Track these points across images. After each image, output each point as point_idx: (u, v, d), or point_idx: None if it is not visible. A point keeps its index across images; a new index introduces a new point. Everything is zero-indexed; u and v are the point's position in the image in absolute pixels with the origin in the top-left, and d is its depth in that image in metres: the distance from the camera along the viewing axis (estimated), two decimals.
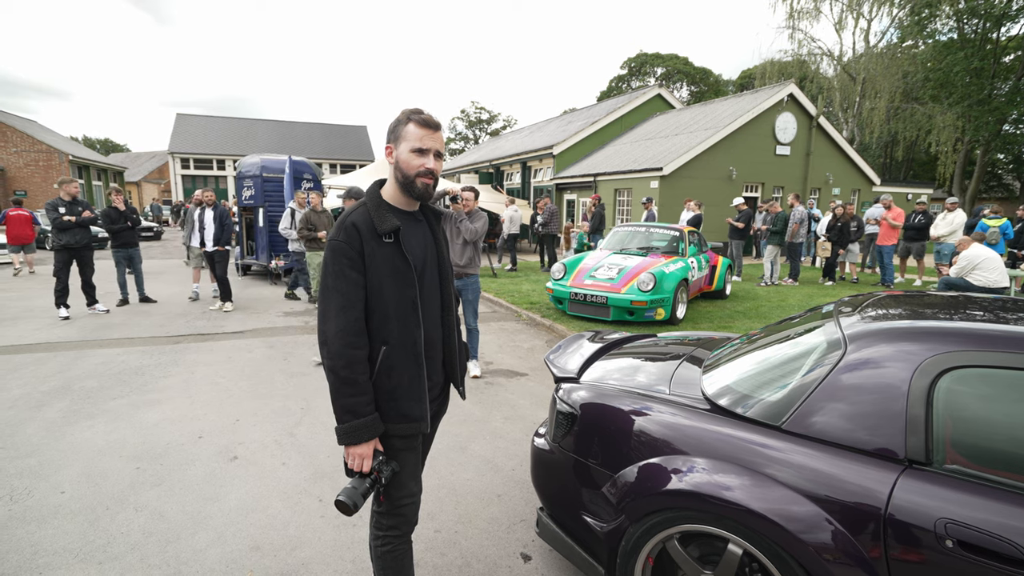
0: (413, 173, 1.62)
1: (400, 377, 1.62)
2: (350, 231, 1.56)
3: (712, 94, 40.78)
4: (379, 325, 1.59)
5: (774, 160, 17.23)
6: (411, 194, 1.65)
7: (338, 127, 39.76)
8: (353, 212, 1.61)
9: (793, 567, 1.59)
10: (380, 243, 1.58)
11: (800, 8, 27.22)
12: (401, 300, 1.61)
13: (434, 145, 1.63)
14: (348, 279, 1.55)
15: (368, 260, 1.56)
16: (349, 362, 1.53)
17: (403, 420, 1.64)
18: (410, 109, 1.64)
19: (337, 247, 1.55)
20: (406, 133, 1.62)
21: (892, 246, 10.81)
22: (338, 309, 1.54)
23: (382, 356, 1.59)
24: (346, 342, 1.53)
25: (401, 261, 1.61)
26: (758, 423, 1.78)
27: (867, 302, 2.15)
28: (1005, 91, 26.54)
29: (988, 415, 1.55)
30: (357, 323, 1.55)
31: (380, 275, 1.58)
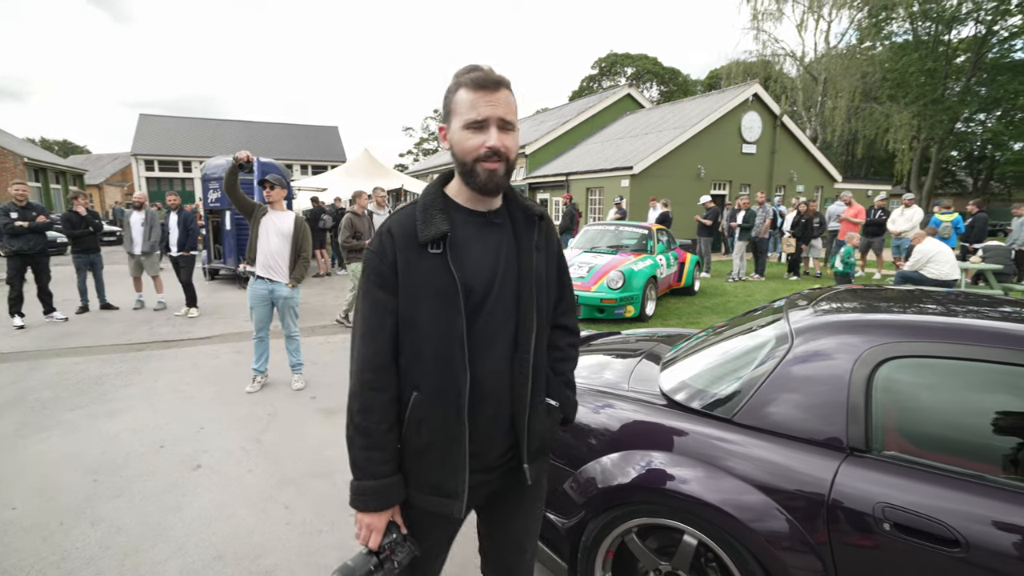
0: (471, 158, 1.17)
1: (433, 435, 1.22)
2: (384, 238, 1.21)
3: (681, 94, 41.46)
4: (410, 364, 1.21)
5: (740, 158, 17.63)
6: (473, 186, 1.21)
7: (308, 128, 39.12)
8: (395, 215, 1.26)
9: (744, 555, 1.64)
10: (422, 254, 1.18)
11: (763, 10, 27.90)
12: (442, 332, 1.18)
13: (494, 112, 1.15)
14: (373, 300, 1.21)
15: (402, 276, 1.19)
16: (364, 406, 1.20)
17: (431, 492, 1.25)
18: (461, 69, 1.20)
19: (367, 258, 1.23)
20: (456, 103, 1.18)
21: None
22: (360, 337, 1.22)
23: (412, 404, 1.22)
24: (363, 380, 1.20)
25: (450, 280, 1.17)
26: (711, 416, 1.84)
27: (819, 297, 2.24)
28: (957, 91, 27.70)
29: (923, 403, 1.63)
30: (379, 357, 1.20)
31: (416, 296, 1.19)
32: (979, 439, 1.60)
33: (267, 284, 4.55)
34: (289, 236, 4.51)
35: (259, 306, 4.60)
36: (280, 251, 4.51)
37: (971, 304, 1.95)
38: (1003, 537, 1.36)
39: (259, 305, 4.60)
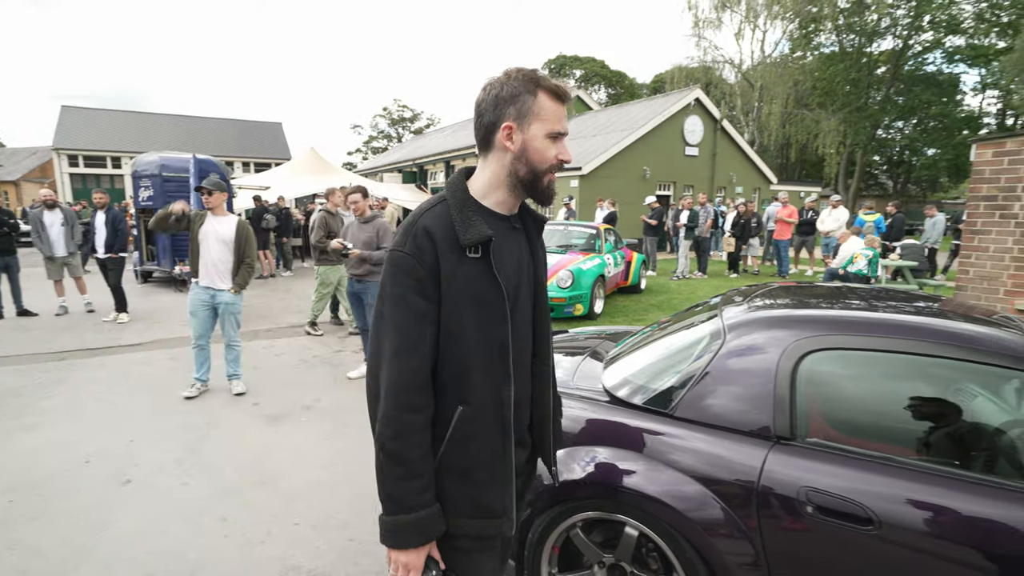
0: (546, 167, 1.16)
1: (480, 452, 1.15)
2: (420, 239, 1.10)
3: (628, 96, 42.51)
4: (455, 377, 1.13)
5: (684, 160, 18.26)
6: (533, 194, 1.19)
7: (251, 123, 37.51)
8: (426, 213, 1.15)
9: (682, 544, 1.71)
10: (462, 259, 1.11)
11: (704, 18, 28.99)
12: (486, 342, 1.14)
13: (567, 127, 1.18)
14: (412, 309, 1.08)
15: (445, 283, 1.10)
16: (400, 431, 1.07)
17: (479, 514, 1.16)
18: (528, 71, 1.15)
19: (400, 261, 1.10)
20: (540, 109, 1.13)
21: (788, 240, 11.80)
22: (394, 352, 1.08)
23: (457, 420, 1.13)
24: (400, 401, 1.08)
25: (490, 286, 1.13)
26: (651, 411, 1.90)
27: (752, 293, 2.35)
28: (878, 100, 29.74)
29: (842, 392, 1.75)
30: (419, 374, 1.09)
31: (459, 305, 1.11)
32: (892, 424, 1.73)
33: (208, 291, 4.36)
34: (231, 242, 4.34)
35: (200, 312, 4.41)
36: (222, 258, 4.33)
37: (887, 299, 2.11)
38: (911, 513, 1.48)
39: (200, 311, 4.41)
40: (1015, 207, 4.64)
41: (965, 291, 5.05)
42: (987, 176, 4.78)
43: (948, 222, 12.39)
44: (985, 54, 28.04)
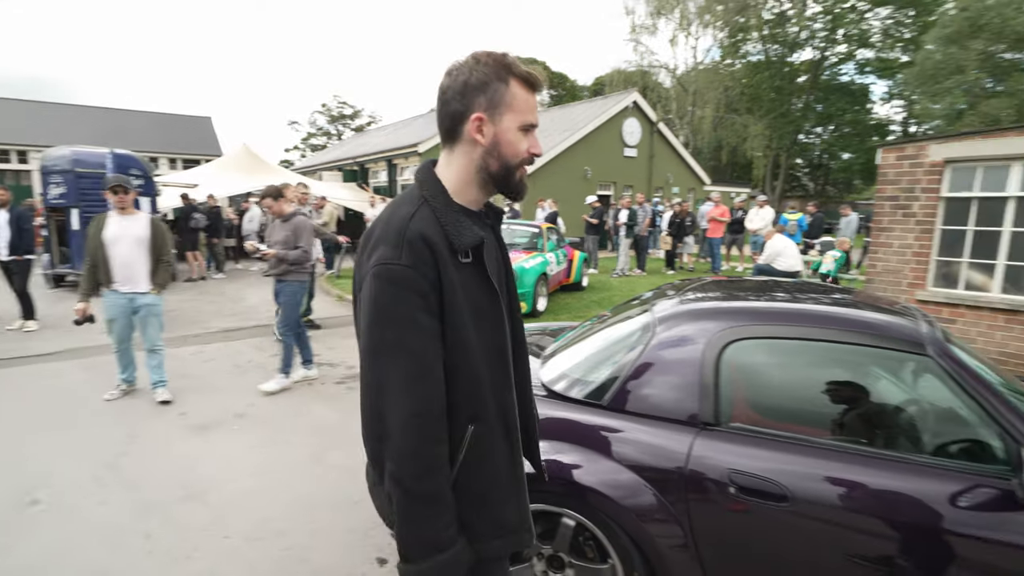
0: (518, 161, 1.08)
1: (493, 468, 1.08)
2: (419, 248, 0.98)
3: (570, 98, 43.23)
4: (467, 395, 1.04)
5: (623, 161, 18.78)
6: (505, 190, 1.11)
7: (178, 117, 35.28)
8: (413, 218, 1.02)
9: (616, 531, 1.77)
10: (457, 265, 1.02)
11: (641, 23, 30.00)
12: (492, 350, 1.07)
13: (538, 119, 1.11)
14: (422, 330, 0.97)
15: (447, 294, 1.00)
16: (430, 467, 0.97)
17: (499, 533, 1.09)
18: (499, 55, 1.05)
19: (400, 276, 0.97)
20: (513, 99, 1.04)
21: (720, 238, 12.38)
22: (408, 380, 0.96)
23: (470, 440, 1.04)
24: (424, 435, 0.96)
25: (484, 291, 1.07)
26: (586, 404, 1.95)
27: (681, 288, 2.45)
28: (799, 107, 31.74)
29: (761, 378, 1.86)
30: (439, 400, 0.99)
31: (462, 316, 1.02)
32: (806, 407, 1.86)
33: (127, 295, 4.09)
34: (145, 240, 4.07)
35: (120, 318, 4.15)
36: (136, 258, 4.07)
37: (803, 292, 2.26)
38: (822, 489, 1.60)
39: (120, 317, 4.15)
40: (914, 207, 5.08)
41: (874, 284, 5.49)
42: (891, 178, 5.21)
43: (861, 221, 13.42)
44: (891, 67, 30.54)
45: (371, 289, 0.99)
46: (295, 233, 4.49)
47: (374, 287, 0.98)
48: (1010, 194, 4.62)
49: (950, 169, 4.91)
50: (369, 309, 0.98)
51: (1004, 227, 4.70)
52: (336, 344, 6.24)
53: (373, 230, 1.05)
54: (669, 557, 1.72)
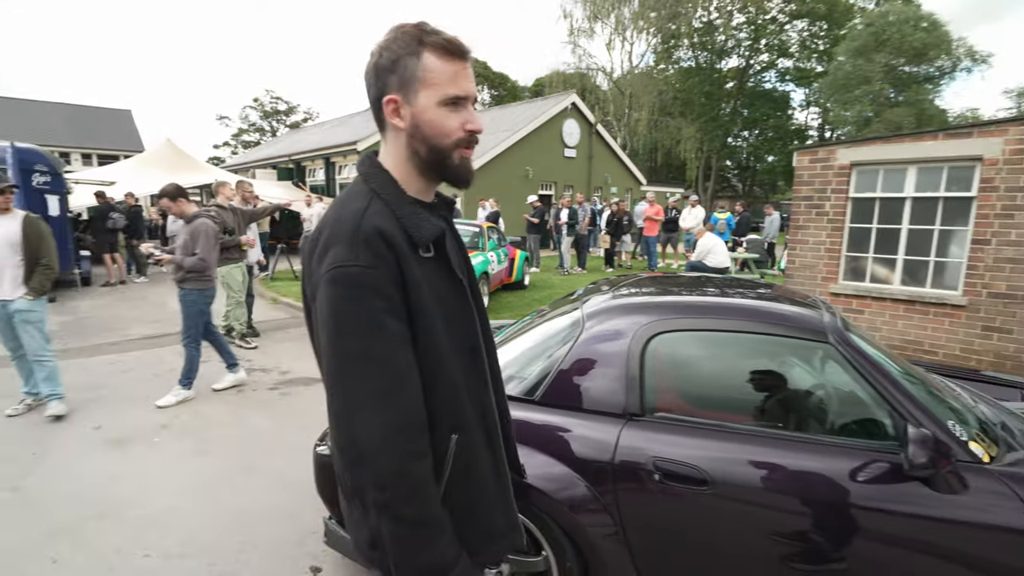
0: (450, 142, 0.95)
1: (480, 477, 1.01)
2: (377, 246, 0.88)
3: (511, 98, 43.50)
4: (446, 402, 0.95)
5: (564, 161, 19.11)
6: (445, 176, 1.00)
7: (94, 110, 32.68)
8: (367, 213, 0.91)
9: (549, 523, 1.81)
10: (420, 261, 0.94)
11: (579, 27, 30.62)
12: (460, 352, 0.98)
13: (472, 88, 0.97)
14: (390, 336, 0.87)
15: (413, 294, 0.90)
16: (416, 488, 0.87)
17: (491, 540, 1.03)
18: (411, 26, 0.95)
19: (361, 279, 0.86)
20: (426, 71, 0.92)
21: (655, 237, 12.85)
22: (382, 394, 0.86)
23: (454, 451, 0.95)
24: (408, 451, 0.86)
25: (450, 286, 0.99)
26: (519, 400, 1.98)
27: (612, 284, 2.53)
28: (727, 112, 33.47)
29: (684, 368, 1.96)
30: (419, 411, 0.89)
31: (431, 317, 0.93)
32: (726, 394, 1.97)
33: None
34: (16, 242, 3.75)
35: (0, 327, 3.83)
36: (9, 263, 3.75)
37: (725, 287, 2.38)
38: (740, 472, 1.70)
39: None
40: (826, 206, 5.48)
41: (793, 279, 5.86)
42: (805, 180, 5.59)
43: (783, 219, 14.32)
44: (808, 76, 32.77)
45: (328, 297, 0.86)
46: (192, 238, 4.17)
47: (331, 294, 0.86)
48: (906, 195, 5.07)
49: (856, 172, 5.33)
50: (328, 320, 0.86)
51: (903, 224, 5.15)
52: (269, 349, 6.00)
53: (321, 231, 0.94)
54: (600, 546, 1.78)
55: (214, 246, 4.25)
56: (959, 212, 4.87)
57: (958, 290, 4.92)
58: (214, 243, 4.23)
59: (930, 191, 4.97)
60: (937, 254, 5.03)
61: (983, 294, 4.75)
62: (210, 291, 4.33)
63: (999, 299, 4.68)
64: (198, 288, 4.23)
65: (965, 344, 4.90)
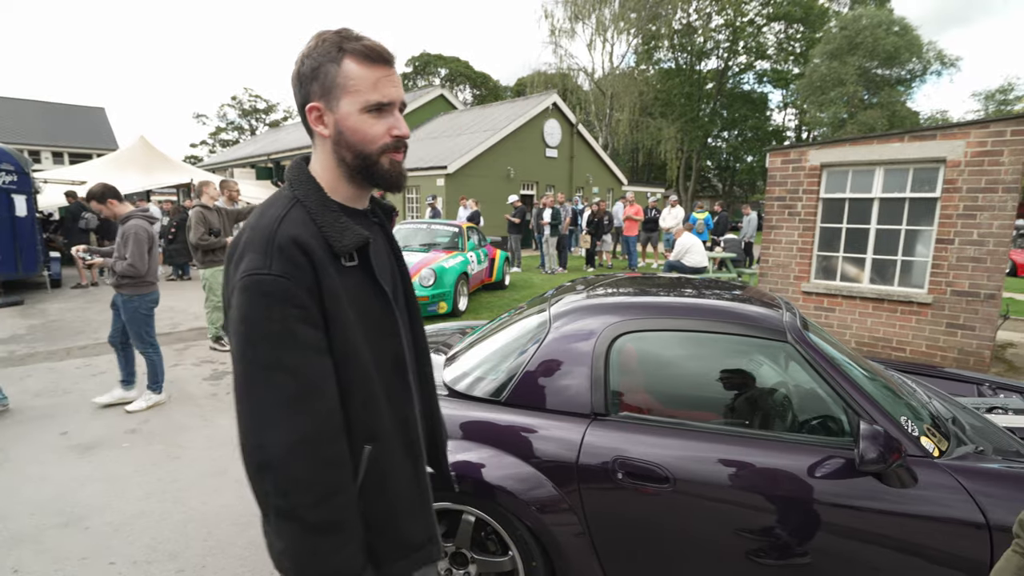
0: (376, 148, 0.96)
1: (395, 487, 1.00)
2: (292, 254, 0.88)
3: (493, 97, 43.48)
4: (360, 411, 0.95)
5: (545, 161, 19.17)
6: (373, 182, 1.00)
7: (66, 107, 31.82)
8: (284, 220, 0.91)
9: (515, 523, 1.82)
10: (340, 270, 0.93)
11: (560, 27, 30.77)
12: (382, 362, 0.99)
13: (398, 93, 0.97)
14: (302, 345, 0.87)
15: (329, 303, 0.90)
16: (325, 494, 0.87)
17: (406, 552, 1.02)
18: (332, 33, 0.95)
19: (272, 287, 0.86)
20: (347, 78, 0.93)
21: (635, 236, 12.95)
22: (290, 402, 0.86)
23: (368, 462, 0.96)
24: (318, 459, 0.87)
25: (373, 296, 0.98)
26: (487, 401, 1.99)
27: (583, 284, 2.55)
28: (707, 112, 33.89)
29: (647, 368, 1.98)
30: (333, 418, 0.90)
31: (348, 326, 0.93)
32: (689, 393, 2.00)
33: None
34: None
35: None
36: None
37: (693, 287, 2.41)
38: (701, 469, 1.73)
39: None
40: (798, 206, 5.59)
41: (767, 277, 5.97)
42: (778, 180, 5.69)
43: (761, 219, 14.52)
44: (785, 77, 33.33)
45: (239, 304, 0.87)
46: (123, 241, 3.95)
47: (242, 301, 0.87)
48: (874, 195, 5.20)
49: (826, 173, 5.45)
50: (238, 327, 0.87)
51: (871, 224, 5.27)
52: None
53: (241, 236, 0.94)
54: (566, 545, 1.80)
55: (148, 250, 3.99)
56: (924, 212, 5.01)
57: (924, 288, 5.05)
58: (147, 247, 3.98)
59: (897, 192, 5.10)
60: (904, 253, 5.16)
61: (947, 292, 4.89)
62: (151, 295, 4.14)
63: (962, 296, 4.83)
64: (138, 293, 4.05)
65: (931, 341, 5.04)
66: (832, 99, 26.68)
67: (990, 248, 4.65)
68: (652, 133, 32.30)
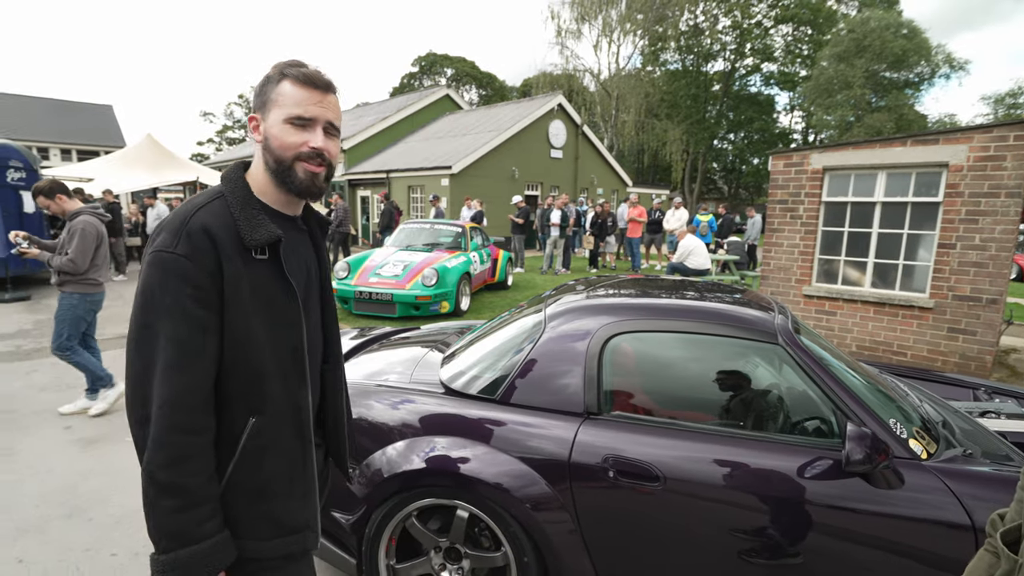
0: (291, 155, 1.08)
1: (276, 464, 1.08)
2: (197, 239, 0.98)
3: (499, 98, 43.53)
4: (246, 387, 1.04)
5: (550, 162, 19.19)
6: (289, 187, 1.10)
7: (74, 104, 32.12)
8: (201, 209, 1.03)
9: (508, 520, 1.85)
10: (248, 260, 1.04)
11: (566, 28, 30.78)
12: (279, 347, 1.08)
13: (323, 113, 1.09)
14: (189, 320, 0.97)
15: (230, 288, 1.00)
16: (175, 456, 0.96)
17: (278, 533, 1.09)
18: (283, 62, 1.11)
19: (172, 265, 0.97)
20: (280, 95, 1.08)
21: (639, 238, 12.96)
22: (167, 367, 0.96)
23: (249, 433, 1.04)
24: (174, 423, 0.95)
25: (280, 288, 1.08)
26: (483, 399, 2.02)
27: (580, 285, 2.57)
28: (713, 114, 33.79)
29: (639, 368, 2.01)
30: (198, 392, 0.99)
31: (248, 311, 1.03)
32: (679, 394, 2.03)
33: None
34: None
35: None
36: None
37: (689, 290, 2.43)
38: (691, 468, 1.75)
39: None
40: (800, 209, 5.59)
41: (768, 280, 5.97)
42: (780, 183, 5.70)
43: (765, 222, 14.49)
44: (792, 80, 33.20)
45: (143, 275, 1.00)
46: (69, 236, 3.81)
47: (146, 272, 0.99)
48: (876, 199, 5.19)
49: (828, 176, 5.44)
50: (138, 295, 1.00)
51: (873, 228, 5.27)
52: None
53: (164, 218, 1.07)
54: (557, 542, 1.82)
55: (95, 248, 3.86)
56: (926, 217, 5.00)
57: (925, 292, 5.05)
58: (94, 244, 3.84)
59: (899, 196, 5.09)
60: (906, 257, 5.16)
61: (949, 296, 4.88)
62: (94, 296, 4.00)
63: (964, 301, 4.82)
64: (79, 292, 3.90)
65: (932, 345, 5.04)
66: (839, 102, 26.58)
67: (992, 253, 4.64)
68: (658, 134, 32.26)
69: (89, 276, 3.88)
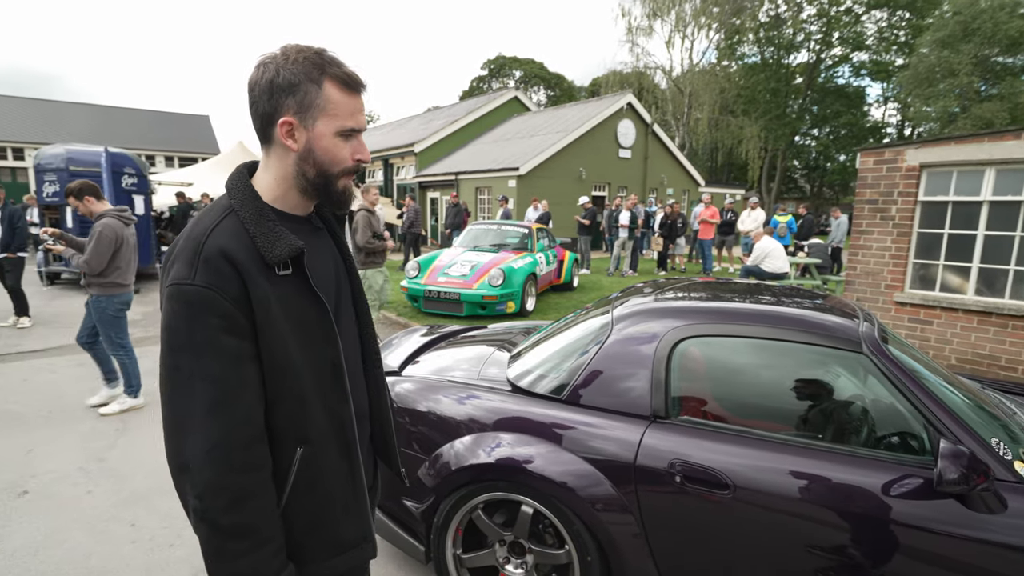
0: (339, 170, 1.00)
1: (329, 488, 1.03)
2: (217, 264, 0.89)
3: (567, 98, 43.34)
4: (291, 416, 0.98)
5: (618, 162, 18.89)
6: (326, 200, 1.04)
7: (175, 115, 35.38)
8: (213, 231, 0.93)
9: (571, 518, 1.87)
10: (273, 279, 0.94)
11: (637, 25, 30.17)
12: (317, 367, 1.00)
13: (365, 122, 1.03)
14: (222, 353, 0.89)
15: (260, 312, 0.92)
16: (237, 498, 0.89)
17: (337, 551, 1.05)
18: (311, 53, 0.96)
19: (195, 297, 0.88)
20: (326, 102, 0.96)
21: (710, 240, 12.49)
22: (208, 409, 0.88)
23: (299, 464, 0.99)
24: (229, 465, 0.88)
25: (310, 304, 0.99)
26: (548, 398, 2.05)
27: (648, 288, 2.54)
28: (795, 109, 31.91)
29: (709, 373, 1.96)
30: (251, 425, 0.91)
31: (281, 333, 0.94)
32: (751, 401, 1.96)
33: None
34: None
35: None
36: None
37: (763, 294, 2.34)
38: (762, 478, 1.70)
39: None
40: (892, 210, 5.19)
41: (854, 285, 5.59)
42: (869, 182, 5.32)
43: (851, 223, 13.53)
44: (886, 69, 30.71)
45: (165, 311, 0.91)
46: (89, 239, 3.85)
47: (167, 309, 0.90)
48: (984, 198, 4.73)
49: (926, 174, 5.02)
50: (163, 334, 0.91)
51: (978, 231, 4.80)
52: None
53: (176, 244, 0.96)
54: (621, 543, 1.82)
55: (115, 251, 3.90)
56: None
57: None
58: (112, 247, 3.86)
59: (1010, 195, 4.61)
60: (1018, 263, 4.66)
61: None
62: (120, 297, 4.05)
63: None
64: (105, 294, 3.96)
65: None
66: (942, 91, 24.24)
67: None
68: (733, 132, 30.91)
69: (110, 278, 3.93)
